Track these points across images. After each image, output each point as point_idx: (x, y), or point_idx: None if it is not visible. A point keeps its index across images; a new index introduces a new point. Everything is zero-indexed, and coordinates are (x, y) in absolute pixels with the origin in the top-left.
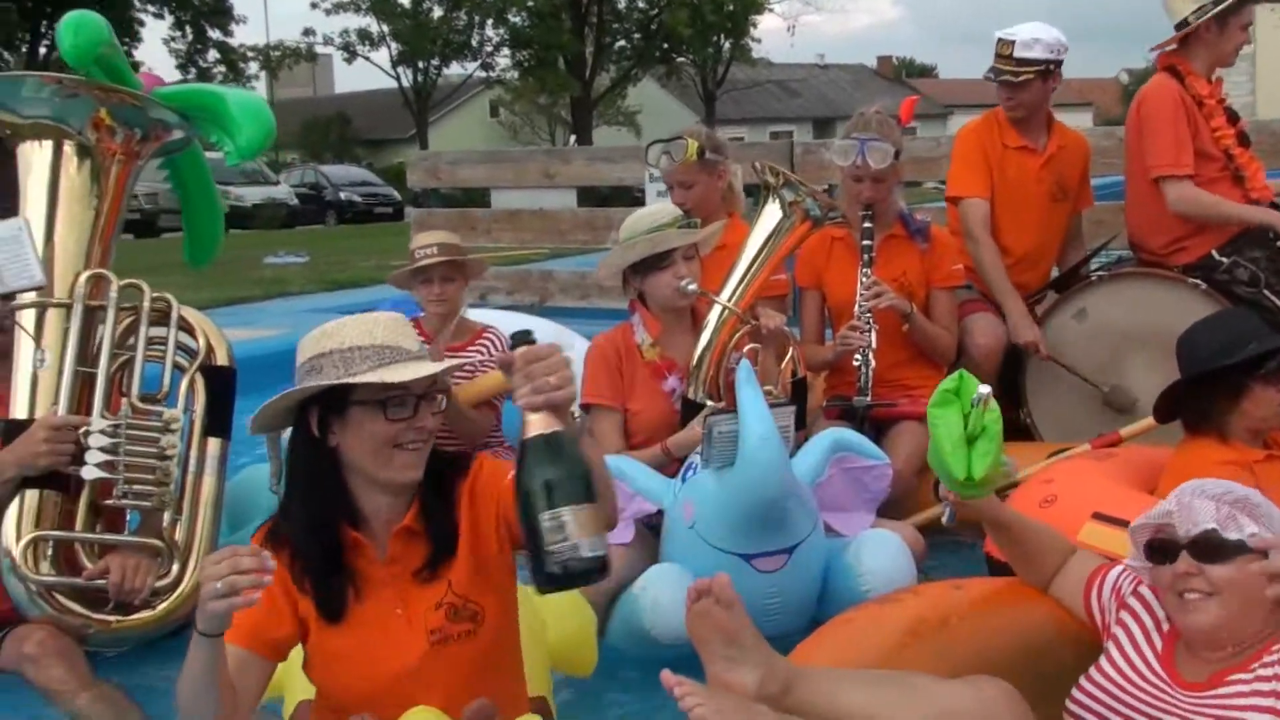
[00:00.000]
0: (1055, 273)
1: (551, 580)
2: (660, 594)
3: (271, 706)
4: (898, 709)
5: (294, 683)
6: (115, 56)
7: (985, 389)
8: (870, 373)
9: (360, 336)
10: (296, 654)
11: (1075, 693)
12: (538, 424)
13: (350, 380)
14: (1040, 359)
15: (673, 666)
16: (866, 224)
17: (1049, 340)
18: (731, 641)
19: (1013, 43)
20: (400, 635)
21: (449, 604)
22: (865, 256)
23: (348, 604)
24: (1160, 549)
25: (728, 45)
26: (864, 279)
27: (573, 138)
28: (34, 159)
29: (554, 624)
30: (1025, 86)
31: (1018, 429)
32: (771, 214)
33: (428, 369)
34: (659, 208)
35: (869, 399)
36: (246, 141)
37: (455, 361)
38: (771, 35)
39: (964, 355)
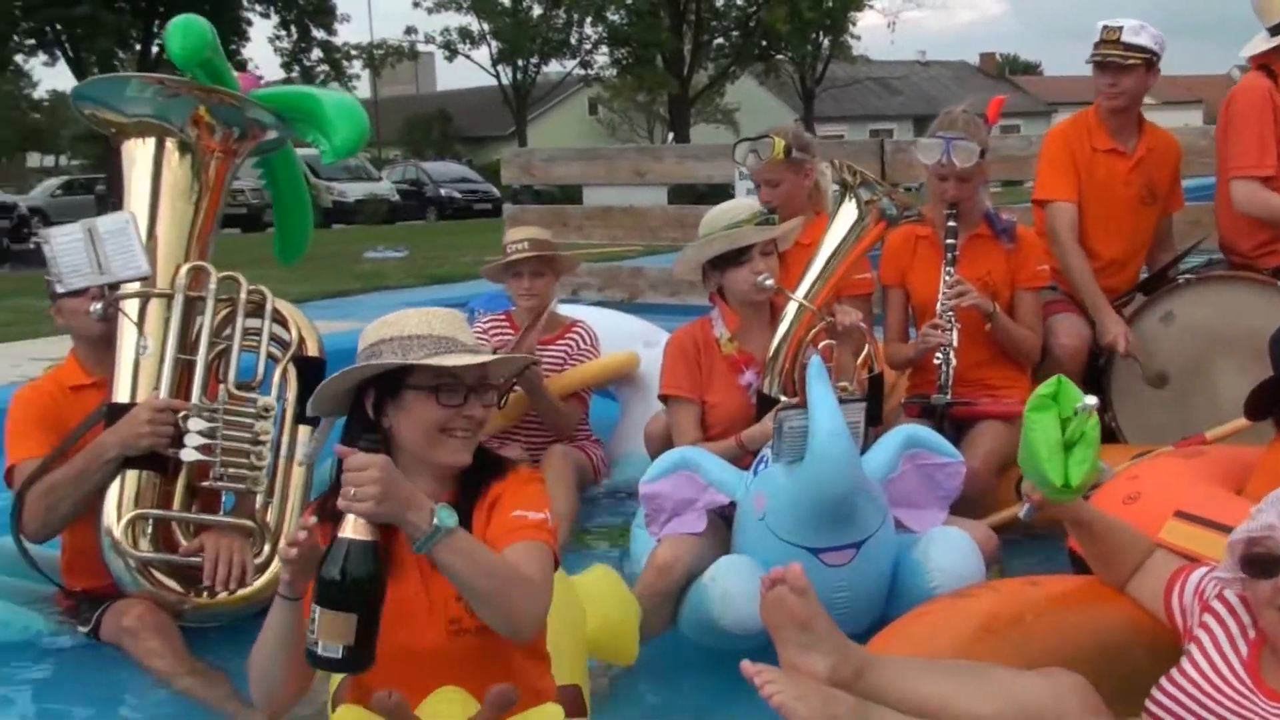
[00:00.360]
0: (1144, 275)
1: (306, 655)
2: (729, 585)
3: None
4: (970, 697)
5: None
6: (218, 59)
7: (1092, 400)
8: (951, 371)
9: (419, 326)
10: None
11: (1156, 693)
12: (346, 526)
13: (406, 363)
14: (1123, 355)
15: (740, 658)
16: (951, 223)
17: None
18: (805, 628)
19: (1120, 28)
20: (420, 618)
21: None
22: (949, 255)
23: None
24: (1260, 563)
25: (827, 42)
26: (947, 277)
27: (670, 135)
28: (138, 155)
29: (595, 613)
30: (1130, 72)
31: (1102, 432)
32: (848, 213)
33: (480, 358)
34: (738, 203)
35: (949, 397)
36: (342, 141)
37: (503, 356)
38: (871, 32)
39: (1048, 356)
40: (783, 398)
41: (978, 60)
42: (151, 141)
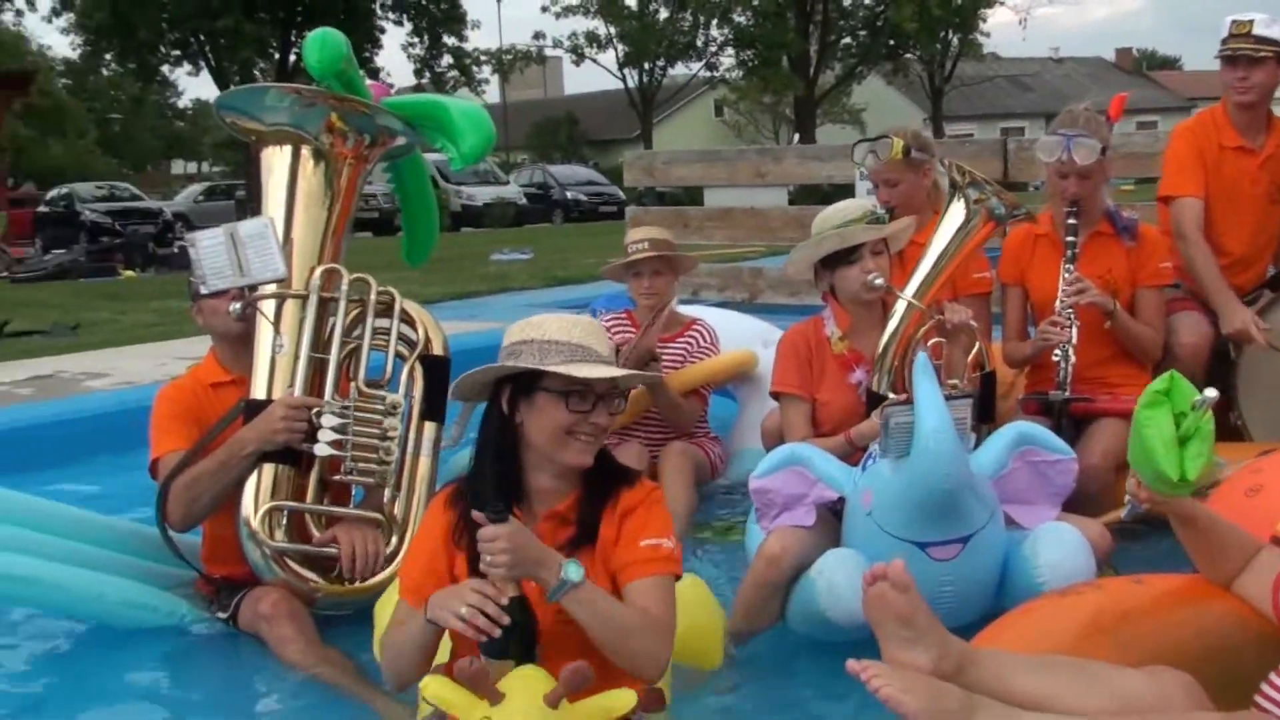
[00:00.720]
0: (1272, 272)
1: None
2: (835, 578)
3: None
4: (1073, 694)
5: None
6: (352, 70)
7: (1212, 394)
8: (1070, 368)
9: (559, 332)
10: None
11: (1265, 688)
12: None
13: (541, 368)
14: (1257, 349)
15: (848, 650)
16: (1071, 220)
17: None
18: (906, 623)
19: (1251, 21)
20: (531, 601)
21: None
22: (1069, 253)
23: None
24: None
25: (956, 40)
26: (1067, 274)
27: (795, 136)
28: (275, 162)
29: (682, 619)
30: (1261, 65)
31: (1228, 431)
32: (956, 212)
33: (611, 372)
34: (849, 203)
35: (1066, 393)
36: (469, 148)
37: (635, 372)
38: (1002, 29)
39: (1169, 354)
40: (891, 395)
41: (1114, 56)
42: (288, 149)
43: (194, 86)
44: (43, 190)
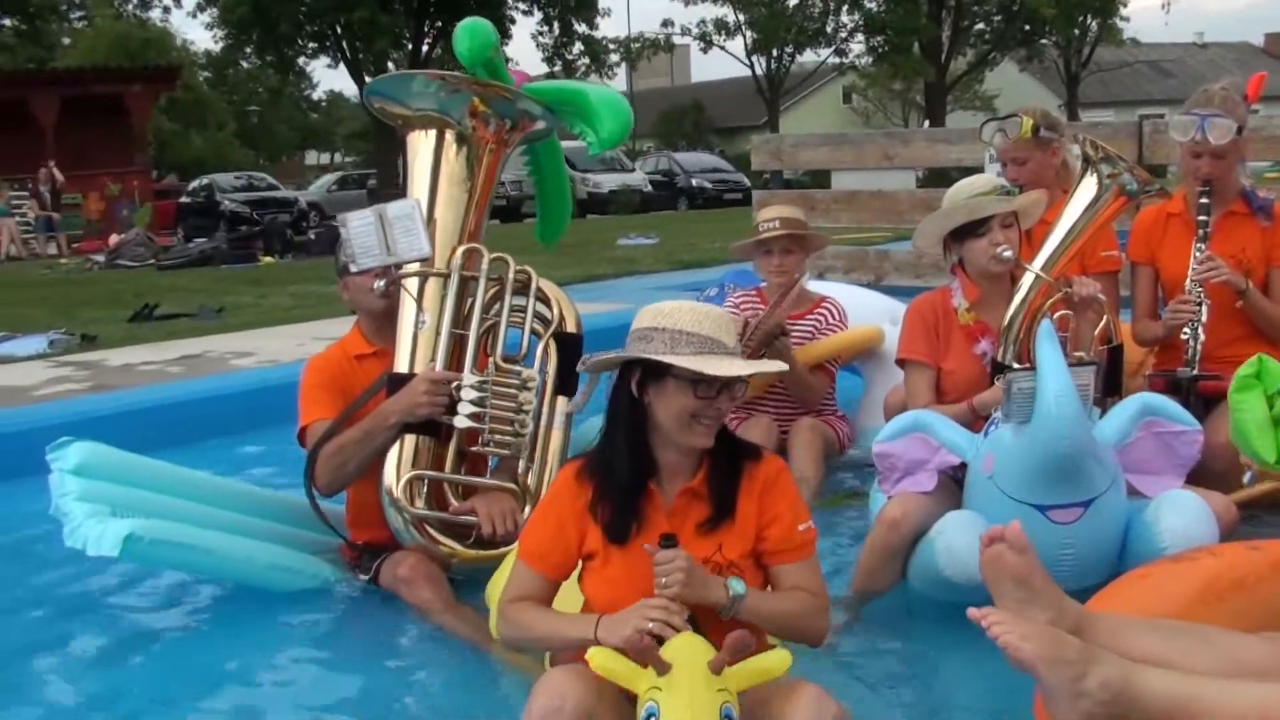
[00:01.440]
0: None
1: None
2: (954, 539)
3: None
4: (1188, 657)
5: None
6: (498, 58)
7: None
8: (1199, 346)
9: (691, 324)
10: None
11: None
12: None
13: (672, 360)
14: None
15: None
16: (1203, 199)
17: None
18: (1022, 584)
19: None
20: None
21: (715, 564)
22: (1201, 231)
23: (631, 533)
24: None
25: (1094, 25)
26: (1198, 253)
27: (925, 123)
28: (420, 147)
29: None
30: None
31: None
32: (1088, 187)
33: (737, 368)
34: (978, 178)
35: (1194, 371)
36: (608, 134)
37: (761, 366)
38: (1142, 13)
39: None
40: (1015, 365)
41: (1262, 41)
42: (433, 133)
43: (327, 79)
44: (184, 181)
